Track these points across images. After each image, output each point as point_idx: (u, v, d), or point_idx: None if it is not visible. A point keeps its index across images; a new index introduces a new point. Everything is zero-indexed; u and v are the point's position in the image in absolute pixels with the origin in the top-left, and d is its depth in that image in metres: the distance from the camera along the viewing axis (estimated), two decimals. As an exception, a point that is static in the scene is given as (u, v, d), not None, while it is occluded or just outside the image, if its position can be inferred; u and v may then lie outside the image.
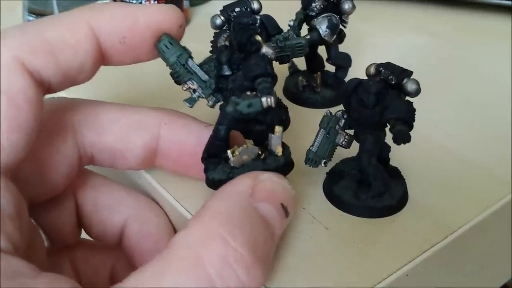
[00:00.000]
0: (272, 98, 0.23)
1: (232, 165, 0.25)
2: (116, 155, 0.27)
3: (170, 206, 0.29)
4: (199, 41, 0.29)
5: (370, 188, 0.27)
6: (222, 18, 0.31)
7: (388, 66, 0.27)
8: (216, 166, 0.25)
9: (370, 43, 0.46)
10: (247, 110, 0.23)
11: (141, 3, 0.45)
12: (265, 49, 0.25)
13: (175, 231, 0.30)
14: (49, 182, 0.26)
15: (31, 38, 0.22)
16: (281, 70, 0.34)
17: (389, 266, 0.25)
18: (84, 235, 0.30)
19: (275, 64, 0.31)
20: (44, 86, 0.23)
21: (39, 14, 0.47)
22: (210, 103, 0.27)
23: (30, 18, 0.47)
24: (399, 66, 0.27)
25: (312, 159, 0.28)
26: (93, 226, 0.29)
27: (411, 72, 0.26)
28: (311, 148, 0.28)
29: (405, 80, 0.26)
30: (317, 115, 0.30)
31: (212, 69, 0.26)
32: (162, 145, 0.27)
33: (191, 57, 0.26)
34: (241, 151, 0.25)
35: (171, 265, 0.20)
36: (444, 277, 0.28)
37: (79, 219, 0.29)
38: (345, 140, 0.28)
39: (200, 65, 0.26)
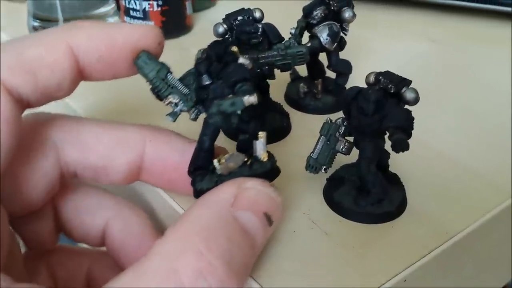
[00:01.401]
0: (254, 95, 0.23)
1: (219, 172, 0.25)
2: (100, 172, 0.27)
3: (170, 208, 0.30)
4: (201, 47, 0.29)
5: (369, 194, 0.28)
6: (225, 26, 0.32)
7: (388, 74, 0.27)
8: (204, 177, 0.25)
9: (370, 49, 0.47)
10: (230, 109, 0.23)
11: (144, 9, 0.46)
12: (242, 61, 0.26)
13: (161, 230, 0.30)
14: (28, 199, 0.26)
15: (9, 57, 0.23)
16: (282, 77, 0.35)
17: (388, 271, 0.25)
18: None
19: (277, 71, 0.32)
20: (22, 104, 0.23)
21: (44, 20, 0.47)
22: (193, 116, 0.27)
23: (35, 23, 0.48)
24: (398, 75, 0.27)
25: (313, 166, 0.29)
26: (74, 230, 0.29)
27: (410, 81, 0.27)
28: (311, 155, 0.29)
29: (404, 89, 0.26)
30: (318, 121, 0.30)
31: (191, 82, 0.26)
32: (146, 162, 0.27)
33: (170, 72, 0.26)
34: (227, 158, 0.25)
35: (145, 276, 0.20)
36: (442, 282, 0.29)
37: (59, 223, 0.29)
38: (345, 147, 0.29)
39: (180, 80, 0.26)
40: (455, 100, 0.40)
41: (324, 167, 0.29)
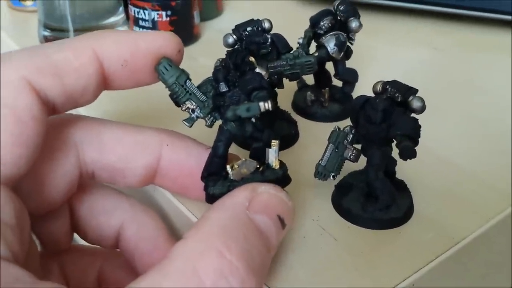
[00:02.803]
0: (269, 102, 0.24)
1: (232, 178, 0.26)
2: (117, 173, 0.28)
3: (181, 213, 0.31)
4: (209, 56, 0.30)
5: (377, 200, 0.29)
6: (234, 37, 0.32)
7: (395, 84, 0.28)
8: (216, 182, 0.26)
9: (375, 58, 0.47)
10: (246, 114, 0.24)
11: (153, 19, 0.47)
12: (258, 70, 0.26)
13: (176, 235, 0.31)
14: (47, 198, 0.26)
15: (38, 60, 0.23)
16: (289, 85, 0.36)
17: (396, 276, 0.26)
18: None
19: (285, 80, 0.33)
20: (49, 106, 0.24)
21: (55, 30, 0.48)
22: (208, 122, 0.27)
23: (45, 33, 0.49)
24: (405, 84, 0.28)
25: (321, 173, 0.29)
26: (89, 231, 0.29)
27: (417, 90, 0.27)
28: (320, 162, 0.29)
29: (410, 98, 0.27)
30: (325, 128, 0.31)
31: (209, 90, 0.27)
32: (162, 166, 0.28)
33: (189, 79, 0.27)
34: (240, 164, 0.26)
35: (167, 277, 0.21)
36: (448, 286, 0.29)
37: (74, 224, 0.29)
38: (353, 154, 0.29)
39: (198, 87, 0.27)
40: (459, 107, 0.41)
41: (333, 174, 0.29)
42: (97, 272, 0.31)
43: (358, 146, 0.29)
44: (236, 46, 0.32)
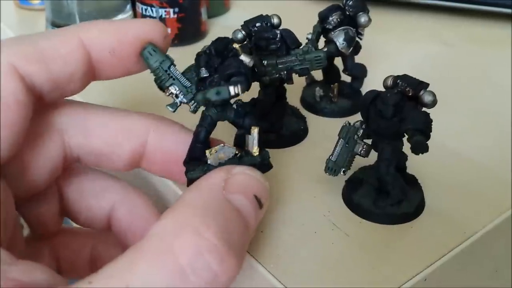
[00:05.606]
0: (239, 86, 0.24)
1: (208, 162, 0.26)
2: (103, 158, 0.28)
3: (171, 191, 0.31)
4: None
5: (388, 195, 0.28)
6: (243, 32, 0.32)
7: (405, 78, 0.28)
8: (196, 167, 0.26)
9: (384, 53, 0.47)
10: (215, 97, 0.24)
11: (161, 16, 0.47)
12: (243, 58, 0.26)
13: None
14: (31, 181, 0.26)
15: (24, 47, 0.24)
16: (298, 81, 0.35)
17: (408, 271, 0.26)
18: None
19: (294, 75, 0.33)
20: (35, 92, 0.24)
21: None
22: (192, 108, 0.27)
23: (53, 31, 0.49)
24: (415, 78, 0.28)
25: (332, 168, 0.29)
26: (80, 214, 0.29)
27: (428, 84, 0.27)
28: (330, 157, 0.29)
29: (421, 92, 0.27)
30: (334, 124, 0.31)
31: (193, 76, 0.27)
32: (149, 151, 0.28)
33: (174, 64, 0.27)
34: (217, 150, 0.26)
35: (142, 256, 0.20)
36: (461, 281, 0.29)
37: (65, 207, 0.29)
38: (364, 149, 0.29)
39: (183, 73, 0.27)
40: (469, 101, 0.40)
41: (343, 169, 0.29)
42: (90, 251, 0.31)
43: (369, 141, 0.29)
44: (245, 42, 0.32)
